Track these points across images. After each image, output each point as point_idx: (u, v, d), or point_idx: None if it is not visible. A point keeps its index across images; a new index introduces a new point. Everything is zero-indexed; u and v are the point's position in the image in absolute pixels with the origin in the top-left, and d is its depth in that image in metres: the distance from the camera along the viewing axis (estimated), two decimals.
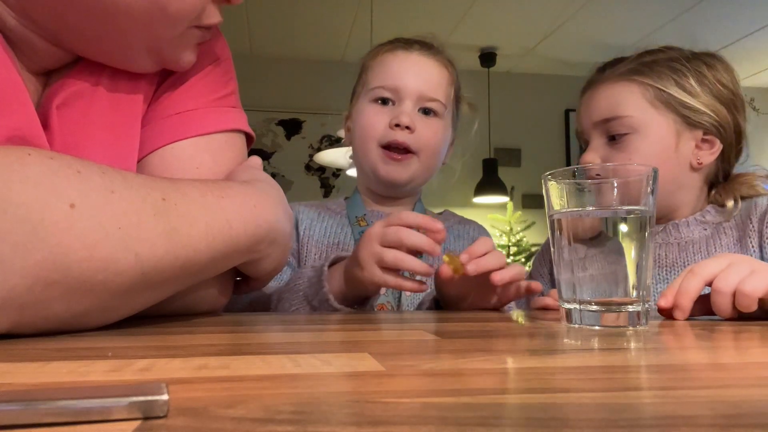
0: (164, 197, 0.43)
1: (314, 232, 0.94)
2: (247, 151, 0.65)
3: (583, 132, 0.93)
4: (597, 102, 0.90)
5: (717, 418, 0.19)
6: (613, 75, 0.89)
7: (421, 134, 0.89)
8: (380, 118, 0.90)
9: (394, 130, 0.89)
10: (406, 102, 0.90)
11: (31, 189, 0.35)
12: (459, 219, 1.04)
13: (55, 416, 0.17)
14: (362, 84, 0.96)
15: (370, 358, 0.30)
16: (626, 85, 0.87)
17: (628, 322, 0.47)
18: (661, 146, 0.86)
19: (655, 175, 0.49)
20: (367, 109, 0.92)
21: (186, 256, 0.43)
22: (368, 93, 0.93)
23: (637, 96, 0.86)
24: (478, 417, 0.19)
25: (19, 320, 0.36)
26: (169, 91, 0.59)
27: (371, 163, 0.92)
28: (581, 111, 0.94)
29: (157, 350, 0.34)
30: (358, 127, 0.93)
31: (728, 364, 0.32)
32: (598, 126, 0.89)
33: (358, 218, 0.95)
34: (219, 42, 0.64)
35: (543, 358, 0.33)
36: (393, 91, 0.90)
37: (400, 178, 0.91)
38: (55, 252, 0.35)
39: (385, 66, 0.93)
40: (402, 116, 0.88)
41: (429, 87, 0.91)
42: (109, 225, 0.38)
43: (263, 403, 0.20)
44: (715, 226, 0.86)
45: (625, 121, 0.86)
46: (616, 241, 0.49)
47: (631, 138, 0.85)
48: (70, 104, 0.52)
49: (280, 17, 3.07)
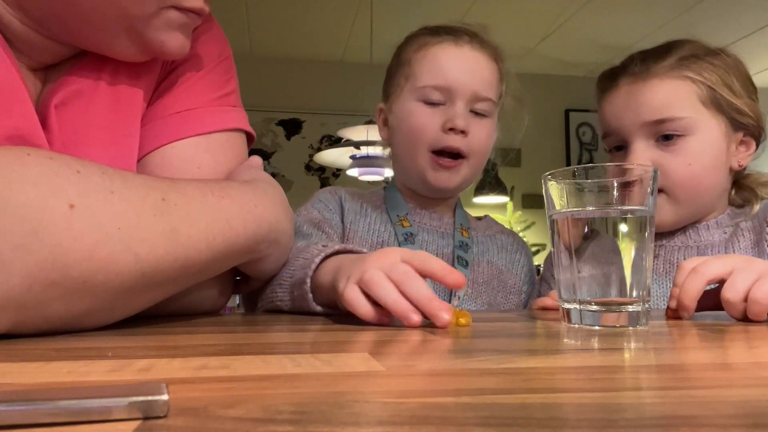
0: (164, 197, 0.43)
1: (358, 227, 0.87)
2: (248, 151, 0.65)
3: (621, 131, 0.84)
4: (646, 100, 0.81)
5: (717, 418, 0.19)
6: (661, 69, 0.81)
7: (473, 137, 0.84)
8: (432, 120, 0.83)
9: (448, 134, 0.82)
10: (459, 103, 0.83)
11: (30, 189, 0.35)
12: (501, 228, 0.99)
13: (55, 416, 0.17)
14: (405, 78, 0.87)
15: (370, 358, 0.30)
16: (679, 82, 0.80)
17: (628, 322, 0.47)
18: (715, 150, 0.81)
19: (655, 175, 0.49)
20: (417, 109, 0.84)
21: (186, 256, 0.43)
22: (416, 91, 0.84)
23: (692, 95, 0.80)
24: (478, 417, 0.19)
25: (19, 320, 0.36)
26: (170, 90, 0.58)
27: (419, 168, 0.85)
28: (620, 108, 0.84)
29: (157, 350, 0.34)
30: (406, 128, 0.85)
31: (728, 364, 0.32)
32: (646, 127, 0.81)
33: (400, 218, 0.89)
34: (219, 41, 0.64)
35: (543, 358, 0.33)
36: (445, 91, 0.83)
37: (450, 185, 0.86)
38: (54, 252, 0.35)
39: (434, 62, 0.85)
40: (457, 119, 0.81)
41: (482, 86, 0.85)
42: (109, 225, 0.38)
43: (263, 403, 0.20)
44: (733, 228, 0.84)
45: (681, 122, 0.79)
46: (616, 241, 0.49)
47: (684, 140, 0.79)
48: (69, 103, 0.51)
49: (280, 17, 3.07)
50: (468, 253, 0.88)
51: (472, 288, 0.87)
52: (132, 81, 0.55)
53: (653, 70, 0.81)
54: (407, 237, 0.87)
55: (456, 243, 0.89)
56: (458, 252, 0.88)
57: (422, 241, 0.88)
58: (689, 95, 0.80)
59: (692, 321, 0.56)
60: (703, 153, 0.80)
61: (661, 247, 0.83)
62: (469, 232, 0.92)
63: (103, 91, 0.54)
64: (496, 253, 0.93)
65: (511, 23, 3.13)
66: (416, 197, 0.91)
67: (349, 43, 3.35)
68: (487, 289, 0.88)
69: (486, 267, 0.90)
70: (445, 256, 0.87)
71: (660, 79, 0.81)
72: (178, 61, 0.60)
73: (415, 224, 0.89)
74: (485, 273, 0.89)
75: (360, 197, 0.92)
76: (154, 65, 0.58)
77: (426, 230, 0.89)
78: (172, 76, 0.59)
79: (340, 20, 3.11)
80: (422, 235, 0.88)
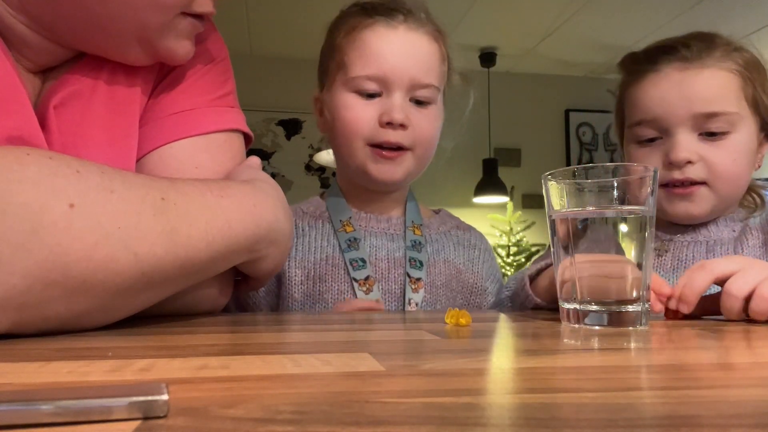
0: (164, 197, 0.43)
1: (296, 252, 0.80)
2: (246, 152, 0.65)
3: (665, 120, 0.78)
4: (701, 90, 0.76)
5: (717, 418, 0.19)
6: (714, 59, 0.77)
7: (415, 129, 0.77)
8: (367, 113, 0.76)
9: (385, 129, 0.75)
10: (396, 93, 0.76)
11: (30, 189, 0.35)
12: (458, 223, 0.93)
13: (55, 416, 0.17)
14: (336, 66, 0.79)
15: (370, 358, 0.30)
16: (731, 76, 0.77)
17: (628, 322, 0.47)
18: (751, 148, 0.80)
19: (655, 175, 0.49)
20: (350, 102, 0.77)
21: (186, 255, 0.43)
22: (348, 82, 0.77)
23: (740, 91, 0.78)
24: (478, 417, 0.19)
25: (18, 320, 0.36)
26: (167, 90, 0.58)
27: (358, 162, 0.79)
28: (669, 94, 0.78)
29: (157, 350, 0.34)
30: (340, 122, 0.78)
31: (728, 364, 0.32)
32: (695, 118, 0.76)
33: (343, 223, 0.82)
34: (216, 42, 0.64)
35: (543, 358, 0.33)
36: (380, 80, 0.76)
37: (394, 177, 0.79)
38: (54, 252, 0.35)
39: (365, 49, 0.76)
40: (394, 113, 0.74)
41: (421, 71, 0.76)
42: (109, 225, 0.38)
43: (263, 403, 0.20)
44: (742, 226, 0.83)
45: (730, 117, 0.76)
46: (616, 241, 0.49)
47: (729, 136, 0.77)
48: (68, 104, 0.52)
49: (280, 17, 3.06)
50: (422, 253, 0.82)
51: (429, 292, 0.81)
52: (130, 82, 0.56)
53: (706, 58, 0.77)
54: (350, 243, 0.80)
55: (408, 243, 0.82)
56: (410, 253, 0.81)
57: (368, 245, 0.81)
58: (738, 90, 0.78)
59: (692, 321, 0.55)
60: (744, 150, 0.79)
61: (670, 242, 0.82)
62: (422, 229, 0.85)
63: (102, 91, 0.54)
64: (453, 251, 0.86)
65: (511, 23, 3.13)
66: (360, 197, 0.85)
67: None
68: (446, 292, 0.83)
69: (443, 267, 0.84)
70: (397, 260, 0.81)
71: (715, 69, 0.77)
72: None
73: (360, 229, 0.82)
74: (443, 274, 0.83)
75: (298, 217, 0.84)
76: (153, 66, 0.58)
77: (373, 234, 0.83)
78: (170, 77, 0.59)
79: None
80: (369, 239, 0.82)
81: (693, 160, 0.77)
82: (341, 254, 0.79)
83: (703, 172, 0.77)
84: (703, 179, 0.77)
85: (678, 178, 0.77)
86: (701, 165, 0.77)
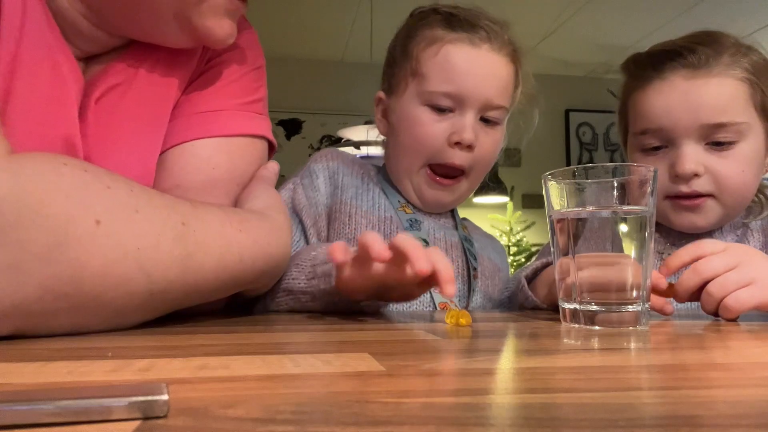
0: (184, 222, 0.43)
1: (362, 202, 0.79)
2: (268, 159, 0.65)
3: (671, 131, 0.76)
4: (709, 100, 0.74)
5: (717, 418, 0.19)
6: (722, 66, 0.74)
7: (479, 150, 0.77)
8: (438, 130, 0.76)
9: (453, 149, 0.75)
10: (469, 113, 0.75)
11: (62, 201, 0.36)
12: (482, 232, 0.95)
13: (55, 416, 0.17)
14: (412, 74, 0.78)
15: (370, 358, 0.30)
16: (740, 84, 0.74)
17: (628, 322, 0.47)
18: (756, 157, 0.77)
19: (655, 175, 0.49)
20: (423, 117, 0.76)
21: (194, 282, 0.44)
22: (423, 94, 0.76)
23: (749, 99, 0.75)
24: (478, 417, 0.19)
25: (22, 327, 0.36)
26: (200, 88, 0.59)
27: (415, 183, 0.79)
28: (675, 104, 0.75)
29: (157, 350, 0.34)
30: (408, 135, 0.78)
31: (728, 364, 0.32)
32: (702, 129, 0.74)
33: (401, 204, 0.82)
34: (255, 49, 0.65)
35: (543, 358, 0.33)
36: (455, 98, 0.75)
37: (445, 202, 0.81)
38: (72, 266, 0.36)
39: (446, 64, 0.75)
40: (465, 133, 0.74)
41: (496, 93, 0.76)
42: (129, 244, 0.39)
43: (263, 403, 0.20)
44: (743, 229, 0.82)
45: (739, 127, 0.74)
46: (616, 241, 0.49)
47: (737, 146, 0.75)
48: (106, 97, 0.53)
49: (280, 17, 3.07)
50: (474, 247, 0.86)
51: (482, 281, 0.84)
52: (167, 77, 0.56)
53: (713, 65, 0.74)
54: (413, 223, 0.80)
55: (461, 235, 0.85)
56: (466, 244, 0.84)
57: (428, 228, 0.81)
58: (746, 99, 0.75)
59: (692, 321, 0.56)
60: (753, 160, 0.76)
61: (673, 247, 0.81)
62: (467, 229, 0.89)
63: (138, 85, 0.55)
64: (492, 252, 0.91)
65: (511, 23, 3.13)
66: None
67: (349, 43, 3.35)
68: (492, 284, 0.85)
69: (488, 262, 0.87)
70: (454, 244, 0.83)
71: (722, 77, 0.74)
72: (213, 62, 0.61)
73: (417, 213, 0.82)
74: (489, 268, 0.86)
75: (360, 168, 0.84)
76: (190, 63, 0.58)
77: (430, 218, 0.83)
78: (204, 76, 0.60)
79: (340, 20, 3.11)
80: (427, 222, 0.82)
81: (700, 173, 0.75)
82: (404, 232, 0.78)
83: (710, 184, 0.75)
84: (710, 191, 0.75)
85: (684, 191, 0.75)
86: (708, 177, 0.75)
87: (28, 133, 0.46)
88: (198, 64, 0.60)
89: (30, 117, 0.46)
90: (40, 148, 0.42)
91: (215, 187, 0.56)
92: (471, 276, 0.82)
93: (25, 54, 0.46)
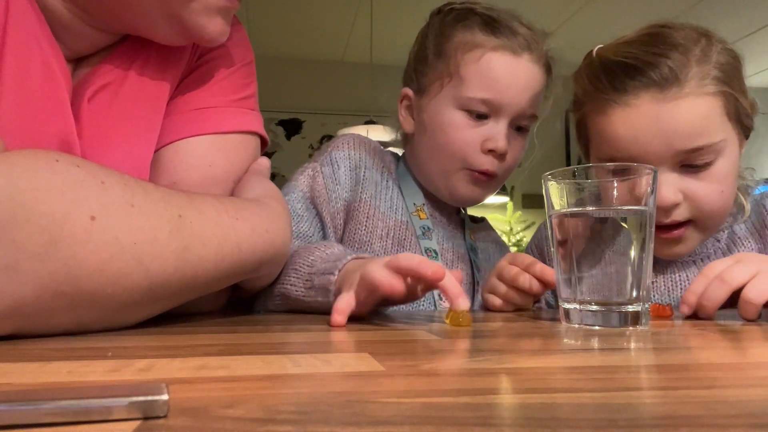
0: (181, 214, 0.43)
1: (380, 203, 0.78)
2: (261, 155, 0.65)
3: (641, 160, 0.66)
4: (681, 126, 0.67)
5: (717, 418, 0.19)
6: (690, 85, 0.67)
7: (509, 157, 0.77)
8: (473, 135, 0.75)
9: (486, 156, 0.75)
10: (503, 121, 0.75)
11: (55, 198, 0.35)
12: (495, 237, 0.95)
13: (55, 416, 0.17)
14: (449, 76, 0.76)
15: (370, 358, 0.30)
16: (712, 100, 0.68)
17: (628, 322, 0.47)
18: (736, 166, 0.72)
19: (655, 175, 0.49)
20: (460, 122, 0.76)
21: (193, 274, 0.44)
22: (460, 99, 0.75)
23: (723, 112, 0.69)
24: (478, 417, 0.19)
25: (21, 326, 0.36)
26: (192, 86, 0.59)
27: (450, 182, 0.79)
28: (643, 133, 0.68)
29: (157, 350, 0.34)
30: (444, 139, 0.77)
31: (728, 364, 0.32)
32: (677, 156, 0.68)
33: (417, 207, 0.81)
34: (244, 45, 0.64)
35: (543, 358, 0.33)
36: (492, 105, 0.75)
37: (480, 200, 0.81)
38: (69, 264, 0.36)
39: (487, 72, 0.74)
40: (500, 141, 0.74)
41: (531, 103, 0.77)
42: (126, 240, 0.38)
43: (263, 403, 0.20)
44: (727, 234, 0.78)
45: (715, 147, 0.68)
46: (616, 241, 0.49)
47: (713, 165, 0.69)
48: (99, 95, 0.52)
49: (280, 17, 3.07)
50: (478, 257, 0.85)
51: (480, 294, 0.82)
52: (159, 75, 0.56)
53: (683, 82, 0.67)
54: (425, 231, 0.79)
55: (467, 244, 0.85)
56: (472, 255, 0.84)
57: (439, 238, 0.81)
58: (722, 114, 0.69)
59: (692, 321, 0.56)
60: (730, 174, 0.71)
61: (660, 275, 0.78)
62: (474, 235, 0.89)
63: (130, 84, 0.54)
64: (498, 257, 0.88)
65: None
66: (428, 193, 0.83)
67: (349, 43, 3.35)
68: None
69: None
70: (461, 257, 0.83)
71: (695, 97, 0.67)
72: (204, 58, 0.60)
73: (430, 218, 0.81)
74: None
75: (381, 161, 0.82)
76: (181, 60, 0.58)
77: (440, 226, 0.83)
78: (196, 73, 0.60)
79: (340, 20, 3.11)
80: (438, 231, 0.82)
81: (679, 201, 0.69)
82: (416, 240, 0.79)
83: (689, 210, 0.70)
84: (690, 218, 0.70)
85: (663, 221, 0.69)
86: (686, 204, 0.70)
87: (20, 130, 0.45)
88: (189, 60, 0.59)
89: (22, 114, 0.46)
90: (34, 147, 0.41)
91: (213, 185, 0.56)
92: (475, 288, 0.82)
93: (11, 51, 0.45)
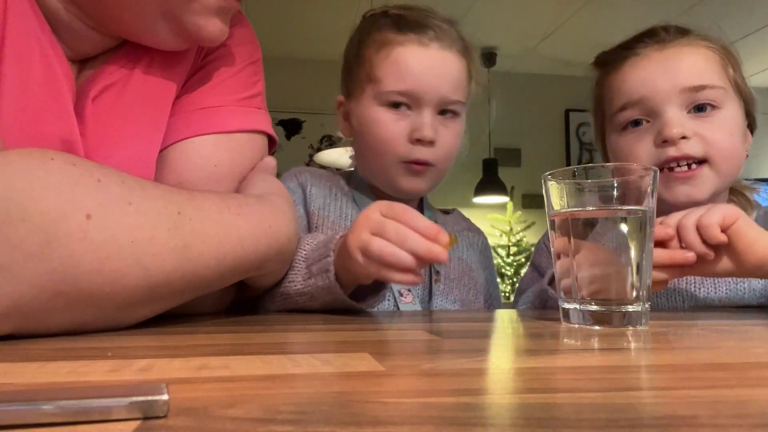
0: (180, 211, 0.42)
1: (329, 212, 0.82)
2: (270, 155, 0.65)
3: (651, 99, 0.76)
4: (685, 65, 0.76)
5: (717, 418, 0.19)
6: (690, 39, 0.78)
7: (441, 144, 0.80)
8: (399, 129, 0.78)
9: (415, 146, 0.78)
10: (426, 110, 0.78)
11: (51, 197, 0.35)
12: (469, 225, 0.97)
13: (55, 416, 0.17)
14: (367, 78, 0.81)
15: (369, 358, 0.30)
16: (711, 53, 0.77)
17: (628, 322, 0.47)
18: (739, 125, 0.78)
19: (655, 175, 0.49)
20: (382, 117, 0.79)
21: (194, 272, 0.43)
22: (379, 96, 0.79)
23: (722, 69, 0.77)
24: (478, 417, 0.19)
25: (20, 326, 0.36)
26: (198, 85, 0.59)
27: (389, 176, 0.81)
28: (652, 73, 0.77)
29: (157, 350, 0.34)
30: (372, 136, 0.80)
31: (728, 364, 0.32)
32: (683, 93, 0.75)
33: None
34: (251, 43, 0.64)
35: (543, 358, 0.33)
36: (410, 96, 0.78)
37: (421, 190, 0.83)
38: (66, 263, 0.35)
39: (397, 65, 0.78)
40: (425, 130, 0.77)
41: (450, 88, 0.79)
42: (123, 238, 0.38)
43: (263, 403, 0.20)
44: None
45: (718, 92, 0.75)
46: (616, 241, 0.49)
47: (718, 112, 0.75)
48: (103, 95, 0.52)
49: (280, 17, 3.07)
50: None
51: (444, 284, 0.84)
52: (164, 75, 0.56)
53: (683, 39, 0.78)
54: None
55: None
56: None
57: None
58: (720, 67, 0.77)
59: (692, 321, 0.56)
60: (736, 127, 0.77)
61: None
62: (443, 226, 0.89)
63: (135, 83, 0.54)
64: (466, 251, 0.90)
65: (511, 23, 3.13)
66: (382, 196, 0.85)
67: None
68: (458, 286, 0.85)
69: (456, 263, 0.87)
70: None
71: (694, 47, 0.77)
72: (209, 57, 0.60)
73: None
74: (456, 270, 0.86)
75: (327, 179, 0.87)
76: (186, 59, 0.58)
77: None
78: (202, 72, 0.60)
79: (340, 20, 3.11)
80: None
81: (687, 135, 0.74)
82: None
83: (701, 147, 0.75)
84: (703, 156, 0.75)
85: (675, 155, 0.74)
86: (697, 140, 0.74)
87: (22, 130, 0.45)
88: (195, 60, 0.59)
89: (23, 114, 0.46)
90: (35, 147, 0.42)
91: (218, 184, 0.56)
92: (432, 280, 0.82)
93: (10, 51, 0.45)
